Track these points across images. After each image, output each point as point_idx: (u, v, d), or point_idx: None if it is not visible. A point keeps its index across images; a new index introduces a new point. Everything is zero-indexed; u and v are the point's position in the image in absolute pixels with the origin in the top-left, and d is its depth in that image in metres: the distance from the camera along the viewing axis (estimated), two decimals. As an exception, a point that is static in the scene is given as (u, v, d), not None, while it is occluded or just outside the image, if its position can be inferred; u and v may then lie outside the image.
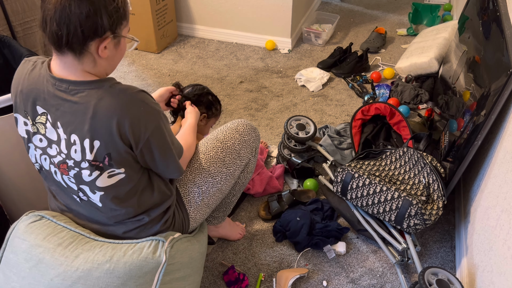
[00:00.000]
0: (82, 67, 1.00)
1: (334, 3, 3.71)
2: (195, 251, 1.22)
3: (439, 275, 1.34)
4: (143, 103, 1.02)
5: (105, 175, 1.06)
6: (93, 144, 1.01)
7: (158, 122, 1.05)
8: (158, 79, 2.69)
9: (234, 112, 2.40)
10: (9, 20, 2.00)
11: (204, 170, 1.30)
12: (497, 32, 1.54)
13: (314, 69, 2.69)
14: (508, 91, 1.33)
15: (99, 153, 1.02)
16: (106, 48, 1.00)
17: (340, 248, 1.63)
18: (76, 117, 1.00)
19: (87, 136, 1.00)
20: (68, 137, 1.02)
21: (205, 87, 1.64)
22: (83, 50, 0.97)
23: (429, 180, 1.58)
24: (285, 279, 1.49)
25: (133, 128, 1.00)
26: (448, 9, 3.44)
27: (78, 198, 1.13)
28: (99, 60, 1.01)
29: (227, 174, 1.33)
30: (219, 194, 1.34)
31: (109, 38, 0.98)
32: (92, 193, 1.09)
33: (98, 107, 0.98)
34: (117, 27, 1.00)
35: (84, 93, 0.99)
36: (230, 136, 1.35)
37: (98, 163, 1.03)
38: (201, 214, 1.32)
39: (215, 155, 1.31)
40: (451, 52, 2.20)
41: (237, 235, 1.68)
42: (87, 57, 0.99)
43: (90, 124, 0.99)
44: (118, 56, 1.07)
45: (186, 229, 1.28)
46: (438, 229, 1.73)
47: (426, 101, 2.38)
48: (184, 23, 3.16)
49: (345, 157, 2.01)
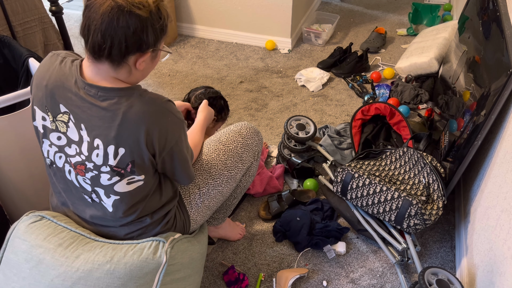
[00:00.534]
0: (117, 75, 1.01)
1: (334, 3, 3.71)
2: (196, 251, 1.22)
3: (439, 275, 1.34)
4: (170, 113, 1.03)
5: (124, 181, 1.06)
6: (118, 151, 1.01)
7: (181, 132, 1.08)
8: (158, 79, 2.69)
9: (234, 112, 2.40)
10: (9, 20, 2.00)
11: (205, 171, 1.30)
12: (497, 32, 1.54)
13: (314, 69, 2.69)
14: (508, 91, 1.33)
15: (122, 160, 1.02)
16: (144, 61, 1.01)
17: (340, 248, 1.63)
18: (103, 123, 1.00)
19: (112, 142, 1.00)
20: (91, 140, 1.02)
21: (218, 91, 1.66)
22: (121, 62, 0.97)
23: (429, 180, 1.58)
24: (285, 279, 1.49)
25: (160, 137, 1.02)
26: (448, 9, 3.44)
27: (89, 199, 1.12)
28: (135, 71, 1.02)
29: (229, 177, 1.33)
30: (220, 197, 1.34)
31: (149, 53, 0.99)
32: (106, 196, 1.09)
33: (128, 114, 0.98)
34: (158, 42, 1.01)
35: (114, 100, 0.99)
36: (233, 139, 1.35)
37: (120, 170, 1.04)
38: (202, 215, 1.31)
39: (217, 157, 1.31)
40: (451, 52, 2.20)
41: (237, 235, 1.68)
42: (124, 68, 0.99)
43: (118, 131, 0.99)
44: (152, 67, 1.08)
45: (186, 230, 1.28)
46: (438, 229, 1.73)
47: (426, 101, 2.38)
48: (184, 23, 3.16)
49: (345, 157, 2.01)
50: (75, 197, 1.15)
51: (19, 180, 1.51)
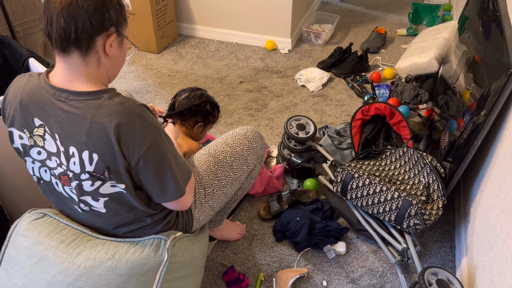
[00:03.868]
0: (87, 68, 0.99)
1: (334, 3, 3.71)
2: (197, 250, 1.22)
3: (439, 275, 1.34)
4: (140, 117, 0.98)
5: (108, 185, 1.04)
6: (92, 157, 0.99)
7: (156, 139, 1.01)
8: (158, 79, 2.69)
9: (234, 112, 2.40)
10: (9, 20, 2.00)
11: (211, 172, 1.31)
12: (497, 32, 1.54)
13: (314, 69, 2.69)
14: (508, 91, 1.33)
15: (98, 166, 1.00)
16: (112, 46, 1.00)
17: (340, 248, 1.63)
18: (74, 129, 0.98)
19: (85, 148, 0.98)
20: (66, 149, 1.00)
21: (203, 93, 1.59)
22: (89, 47, 0.97)
23: (429, 180, 1.58)
24: (285, 279, 1.49)
25: (129, 143, 0.97)
26: (448, 9, 3.44)
27: (79, 209, 1.12)
28: (104, 60, 1.01)
29: (234, 178, 1.35)
30: (223, 198, 1.35)
31: (114, 35, 0.99)
32: (95, 201, 1.08)
33: (96, 117, 0.96)
34: (120, 25, 1.01)
35: (82, 103, 0.97)
36: (239, 142, 1.37)
37: (99, 175, 1.02)
38: (205, 215, 1.32)
39: (223, 159, 1.33)
40: (451, 52, 2.20)
41: (237, 235, 1.68)
42: (93, 55, 0.98)
43: (88, 136, 0.97)
44: (120, 59, 1.06)
45: (189, 230, 1.28)
46: (438, 229, 1.73)
47: (426, 101, 2.38)
48: (184, 23, 3.16)
49: (345, 157, 2.01)
50: (68, 208, 1.15)
51: (19, 180, 1.51)
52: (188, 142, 1.56)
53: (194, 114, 1.56)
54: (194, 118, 1.57)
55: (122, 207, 1.09)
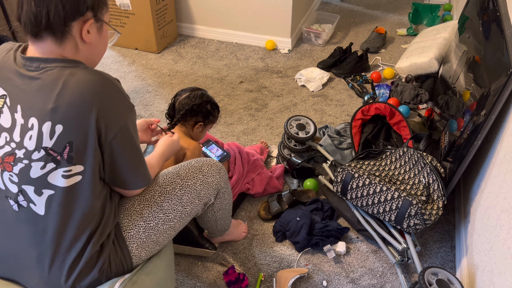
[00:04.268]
0: (63, 52, 0.93)
1: (334, 3, 3.71)
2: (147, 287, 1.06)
3: (439, 275, 1.34)
4: (119, 90, 0.93)
5: (60, 171, 0.92)
6: (55, 129, 0.89)
7: (131, 117, 0.96)
8: (158, 79, 2.69)
9: (234, 112, 2.40)
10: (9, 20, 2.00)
11: (155, 203, 1.14)
12: (497, 32, 1.54)
13: (314, 69, 2.69)
14: (508, 91, 1.33)
15: (60, 140, 0.89)
16: (90, 32, 0.93)
17: (340, 248, 1.63)
18: (41, 96, 0.89)
19: (48, 117, 0.88)
20: (25, 121, 0.90)
21: (204, 93, 1.59)
22: (65, 32, 0.90)
23: (429, 180, 1.58)
24: (285, 279, 1.49)
25: (107, 113, 0.89)
26: (448, 9, 3.44)
27: (15, 205, 0.95)
28: (82, 46, 0.94)
29: (183, 212, 1.20)
30: (171, 232, 1.19)
31: (91, 20, 0.92)
32: (37, 194, 0.93)
33: (70, 82, 0.88)
34: (99, 10, 0.94)
35: (55, 70, 0.90)
36: (192, 175, 1.22)
37: (55, 154, 0.90)
38: (147, 251, 1.13)
39: (172, 191, 1.17)
40: (451, 52, 2.20)
41: (242, 234, 1.68)
42: (69, 41, 0.92)
43: (56, 102, 0.87)
44: (100, 46, 0.99)
45: (127, 268, 1.09)
46: (438, 229, 1.73)
47: (426, 101, 2.38)
48: (184, 23, 3.16)
49: (345, 157, 2.01)
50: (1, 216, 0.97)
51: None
52: (188, 142, 1.56)
53: (195, 114, 1.56)
54: (195, 118, 1.57)
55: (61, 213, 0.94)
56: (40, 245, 0.96)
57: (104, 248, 1.02)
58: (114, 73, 2.75)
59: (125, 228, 1.10)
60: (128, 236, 1.09)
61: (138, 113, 2.40)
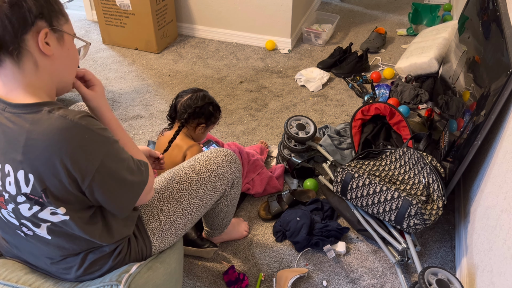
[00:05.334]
0: (24, 77, 0.88)
1: (334, 3, 3.71)
2: (160, 275, 1.11)
3: (439, 275, 1.34)
4: (87, 129, 0.86)
5: (47, 211, 0.92)
6: (28, 177, 0.87)
7: (108, 149, 0.90)
8: (158, 79, 2.69)
9: (234, 112, 2.40)
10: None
11: (174, 200, 1.21)
12: (497, 32, 1.55)
13: (314, 69, 2.69)
14: (508, 91, 1.34)
15: (35, 187, 0.88)
16: (49, 44, 0.88)
17: (340, 248, 1.63)
18: (10, 145, 0.86)
19: (20, 167, 0.86)
20: (2, 167, 0.89)
21: (205, 94, 1.59)
22: (20, 49, 0.85)
23: (429, 180, 1.59)
24: (285, 279, 1.49)
25: (78, 160, 0.85)
26: (448, 9, 3.44)
27: (22, 233, 0.98)
28: (42, 62, 0.88)
29: (200, 205, 1.25)
30: (188, 224, 1.25)
31: (45, 29, 0.86)
32: (36, 227, 0.95)
33: (33, 134, 0.84)
34: (53, 19, 0.88)
35: (18, 117, 0.86)
36: (207, 168, 1.26)
37: (37, 198, 0.90)
38: (166, 243, 1.20)
39: (188, 186, 1.22)
40: (451, 52, 2.20)
41: (243, 233, 1.68)
42: (27, 59, 0.86)
43: (23, 154, 0.85)
44: (66, 58, 0.93)
45: (146, 257, 1.15)
46: (438, 229, 1.73)
47: (426, 101, 2.38)
48: (184, 23, 3.16)
49: (345, 157, 2.01)
50: (12, 234, 1.02)
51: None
52: (189, 143, 1.56)
53: (197, 116, 1.56)
54: (197, 120, 1.57)
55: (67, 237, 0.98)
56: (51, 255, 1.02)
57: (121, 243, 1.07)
58: (114, 73, 2.75)
59: (146, 221, 1.16)
60: (150, 228, 1.16)
61: (138, 113, 2.40)
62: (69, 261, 1.03)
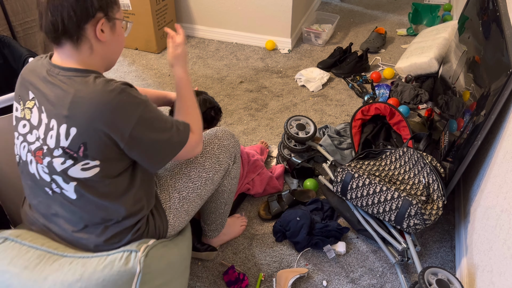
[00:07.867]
0: (80, 56, 1.03)
1: (334, 3, 3.71)
2: (174, 255, 1.17)
3: (439, 275, 1.34)
4: (124, 92, 1.00)
5: (78, 167, 1.03)
6: (69, 131, 1.00)
7: (144, 110, 1.02)
8: (158, 79, 2.69)
9: (234, 112, 2.40)
10: (9, 20, 2.00)
11: (184, 175, 1.29)
12: (497, 32, 1.55)
13: (314, 69, 2.69)
14: (508, 91, 1.34)
15: (74, 141, 1.00)
16: (103, 31, 1.03)
17: (340, 248, 1.63)
18: (58, 101, 1.00)
19: (64, 121, 1.00)
20: (48, 121, 1.03)
21: (206, 98, 1.59)
22: (80, 36, 1.00)
23: (429, 180, 1.59)
24: (285, 279, 1.49)
25: (116, 119, 0.99)
26: (448, 9, 3.44)
27: (50, 191, 1.09)
28: (97, 46, 1.04)
29: (207, 178, 1.32)
30: (198, 200, 1.32)
31: (102, 19, 1.01)
32: (65, 183, 1.06)
33: (80, 92, 0.99)
34: (109, 9, 1.03)
35: (69, 79, 1.01)
36: (209, 141, 1.34)
37: (72, 153, 1.01)
38: (180, 221, 1.28)
39: (195, 160, 1.30)
40: (451, 52, 2.20)
41: (241, 229, 1.69)
42: (85, 44, 1.02)
43: (69, 109, 0.99)
44: (115, 43, 1.08)
45: (162, 236, 1.23)
46: (438, 229, 1.73)
47: (426, 101, 2.38)
48: (184, 23, 3.16)
49: (345, 157, 2.01)
50: (41, 193, 1.12)
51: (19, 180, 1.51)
52: None
53: None
54: None
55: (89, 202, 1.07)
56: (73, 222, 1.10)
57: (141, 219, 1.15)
58: (114, 73, 2.75)
59: (163, 201, 1.25)
60: (167, 207, 1.25)
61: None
62: (90, 230, 1.10)
